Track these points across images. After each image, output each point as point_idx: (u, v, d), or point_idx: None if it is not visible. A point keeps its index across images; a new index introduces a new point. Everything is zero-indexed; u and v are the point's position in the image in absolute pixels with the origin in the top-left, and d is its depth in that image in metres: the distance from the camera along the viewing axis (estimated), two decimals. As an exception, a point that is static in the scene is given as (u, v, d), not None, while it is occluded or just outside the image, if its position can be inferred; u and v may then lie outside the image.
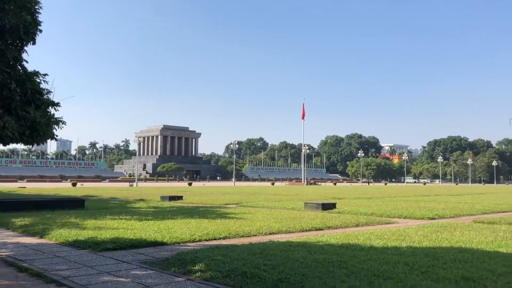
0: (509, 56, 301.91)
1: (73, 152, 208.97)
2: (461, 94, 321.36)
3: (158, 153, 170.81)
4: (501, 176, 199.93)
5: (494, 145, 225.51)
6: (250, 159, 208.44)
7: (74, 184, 66.40)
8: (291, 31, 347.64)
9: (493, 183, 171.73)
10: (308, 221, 14.24)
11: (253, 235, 11.43)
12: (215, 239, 10.80)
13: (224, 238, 10.95)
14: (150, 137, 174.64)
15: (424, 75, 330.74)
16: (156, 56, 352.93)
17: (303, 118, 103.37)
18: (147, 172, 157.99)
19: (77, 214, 16.40)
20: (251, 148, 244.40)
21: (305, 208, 20.04)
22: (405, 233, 11.39)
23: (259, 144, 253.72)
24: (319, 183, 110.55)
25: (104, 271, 7.38)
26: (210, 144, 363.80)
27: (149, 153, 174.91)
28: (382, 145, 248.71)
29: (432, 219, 16.40)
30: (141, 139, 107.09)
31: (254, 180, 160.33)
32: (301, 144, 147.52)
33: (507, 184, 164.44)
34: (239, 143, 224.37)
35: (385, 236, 10.77)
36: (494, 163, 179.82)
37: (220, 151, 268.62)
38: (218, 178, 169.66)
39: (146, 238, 10.39)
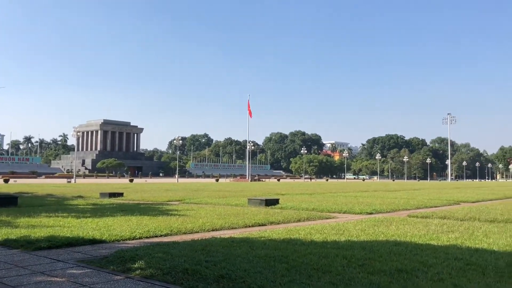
0: (442, 60, 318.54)
1: (5, 147, 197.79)
2: (398, 95, 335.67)
3: (98, 149, 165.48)
4: (434, 173, 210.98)
5: (428, 143, 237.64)
6: (194, 155, 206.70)
7: (6, 181, 62.95)
8: (237, 28, 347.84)
9: (427, 179, 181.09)
10: (251, 217, 14.33)
11: (196, 232, 11.35)
12: (156, 236, 10.61)
13: (165, 235, 10.78)
14: (90, 132, 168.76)
15: (364, 77, 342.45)
16: (97, 49, 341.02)
17: (250, 115, 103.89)
18: (86, 168, 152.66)
19: (8, 212, 15.54)
20: (195, 144, 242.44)
21: (249, 204, 20.16)
22: (344, 228, 11.73)
23: (203, 140, 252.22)
24: (263, 180, 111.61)
25: (38, 271, 7.04)
26: (153, 139, 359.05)
27: (89, 149, 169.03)
28: (324, 142, 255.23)
29: (370, 214, 17.00)
30: (80, 133, 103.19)
31: (198, 176, 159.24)
32: (246, 140, 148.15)
33: (440, 180, 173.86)
34: (183, 139, 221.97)
35: (325, 231, 11.04)
36: (428, 160, 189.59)
37: (163, 147, 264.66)
38: (161, 174, 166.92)
39: (83, 236, 10.03)
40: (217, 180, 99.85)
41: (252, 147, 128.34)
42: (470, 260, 7.41)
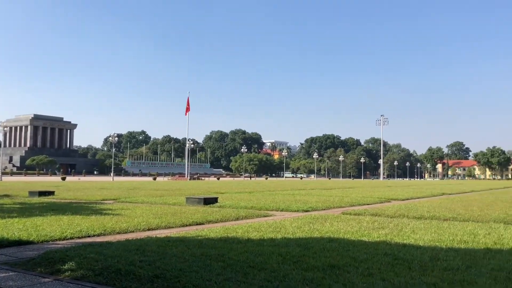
0: (377, 64, 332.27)
1: None
2: (336, 96, 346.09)
3: (28, 145, 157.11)
4: (367, 172, 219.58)
5: (362, 143, 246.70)
6: (131, 153, 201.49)
7: None
8: (177, 25, 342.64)
9: (361, 178, 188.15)
10: (189, 216, 14.19)
11: (131, 232, 11.06)
12: (89, 236, 10.23)
13: (98, 235, 10.42)
14: (19, 127, 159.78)
15: (304, 79, 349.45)
16: (28, 40, 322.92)
17: (186, 113, 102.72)
18: (14, 165, 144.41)
19: None
20: (132, 142, 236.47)
21: (187, 203, 19.95)
22: (281, 225, 11.92)
23: (141, 137, 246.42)
24: (203, 178, 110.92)
25: (-45, 276, 6.55)
26: (88, 136, 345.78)
27: (17, 145, 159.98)
28: (264, 141, 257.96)
29: (306, 211, 17.39)
30: (7, 129, 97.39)
31: (135, 175, 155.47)
32: (185, 138, 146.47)
33: (373, 179, 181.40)
34: (119, 136, 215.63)
35: (262, 229, 11.16)
36: (362, 159, 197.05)
37: (98, 144, 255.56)
38: (95, 172, 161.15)
39: (8, 237, 9.47)
40: (154, 179, 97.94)
41: (192, 145, 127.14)
42: (398, 255, 7.77)
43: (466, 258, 7.60)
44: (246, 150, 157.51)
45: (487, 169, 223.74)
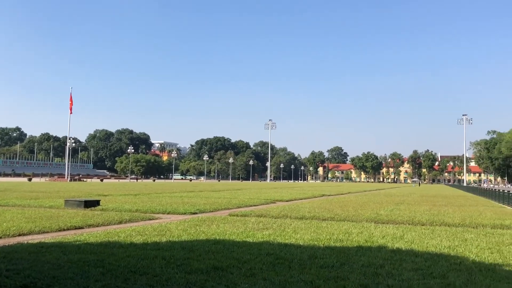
0: (265, 71, 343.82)
1: None
2: (227, 98, 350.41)
3: None
4: (256, 174, 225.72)
5: (251, 146, 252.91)
6: (3, 151, 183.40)
7: None
8: (59, 14, 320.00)
9: (250, 180, 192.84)
10: (67, 220, 13.29)
11: (-2, 238, 10.03)
12: None
13: (-42, 242, 9.28)
14: None
15: (195, 81, 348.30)
16: None
17: (70, 110, 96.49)
18: None
19: None
20: (5, 139, 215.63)
21: (66, 206, 18.67)
22: (166, 228, 11.70)
23: (14, 134, 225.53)
24: (85, 180, 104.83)
25: None
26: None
27: None
28: (153, 142, 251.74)
29: (194, 213, 17.30)
30: None
31: (7, 175, 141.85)
32: (66, 137, 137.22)
33: (260, 181, 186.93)
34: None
35: (147, 232, 10.86)
36: (251, 162, 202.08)
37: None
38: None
39: None
40: (30, 180, 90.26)
41: (73, 144, 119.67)
42: (279, 254, 8.07)
43: (340, 255, 8.14)
44: (133, 150, 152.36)
45: (362, 173, 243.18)
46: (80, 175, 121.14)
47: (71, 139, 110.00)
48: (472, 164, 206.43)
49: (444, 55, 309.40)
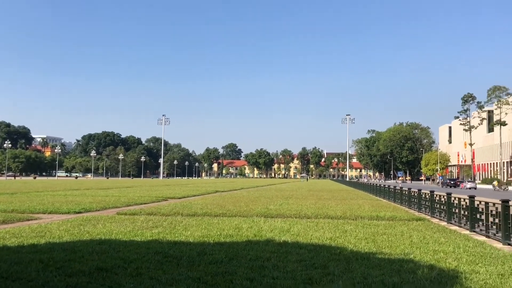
0: (151, 65, 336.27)
1: None
2: (115, 92, 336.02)
3: None
4: (147, 171, 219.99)
5: (143, 142, 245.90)
6: None
7: None
8: None
9: (141, 177, 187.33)
10: None
11: None
12: None
13: None
14: None
15: (79, 69, 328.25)
16: None
17: None
18: None
19: None
20: None
21: None
22: (46, 229, 10.91)
23: None
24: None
25: None
26: None
27: None
28: (34, 136, 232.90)
29: (79, 213, 16.36)
30: None
31: None
32: None
33: (153, 178, 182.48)
34: None
35: (23, 234, 10.02)
36: (143, 158, 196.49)
37: None
38: None
39: None
40: None
41: None
42: (168, 252, 7.94)
43: (229, 251, 8.25)
44: (10, 145, 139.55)
45: (255, 169, 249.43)
46: None
47: None
48: (354, 160, 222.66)
49: (334, 58, 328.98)
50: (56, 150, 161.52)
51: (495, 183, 66.33)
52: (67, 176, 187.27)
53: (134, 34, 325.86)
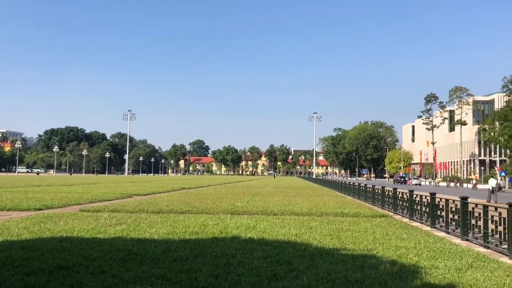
0: (120, 57, 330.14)
1: None
2: (80, 86, 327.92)
3: None
4: (112, 167, 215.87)
5: (108, 137, 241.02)
6: None
7: None
8: None
9: (106, 173, 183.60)
10: None
11: None
12: None
13: None
14: None
15: (45, 63, 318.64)
16: None
17: None
18: None
19: None
20: None
21: None
22: (4, 227, 10.54)
23: None
24: None
25: None
26: None
27: None
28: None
29: (40, 209, 15.90)
30: None
31: None
32: None
33: (118, 174, 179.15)
34: None
35: (-21, 232, 9.63)
36: (108, 154, 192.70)
37: None
38: None
39: None
40: None
41: None
42: (132, 250, 7.81)
43: (195, 248, 8.19)
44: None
45: (223, 166, 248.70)
46: None
47: None
48: (321, 158, 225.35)
49: (302, 56, 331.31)
50: (16, 145, 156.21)
51: (439, 179, 70.12)
52: (28, 172, 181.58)
53: (100, 24, 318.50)
